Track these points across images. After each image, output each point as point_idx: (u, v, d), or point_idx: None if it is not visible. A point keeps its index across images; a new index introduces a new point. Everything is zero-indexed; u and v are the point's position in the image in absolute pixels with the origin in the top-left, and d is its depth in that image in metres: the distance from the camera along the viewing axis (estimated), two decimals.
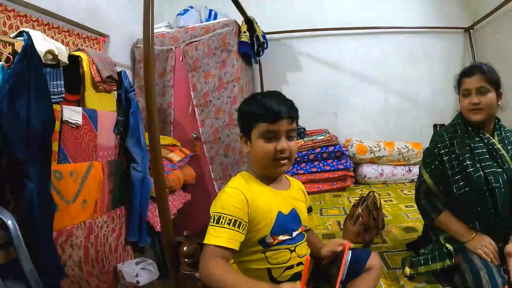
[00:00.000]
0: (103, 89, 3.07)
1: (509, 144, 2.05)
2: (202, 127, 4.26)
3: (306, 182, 4.44)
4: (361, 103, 5.25)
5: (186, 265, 1.75)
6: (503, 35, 4.39)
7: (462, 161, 2.01)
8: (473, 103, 1.99)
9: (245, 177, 1.68)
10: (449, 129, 2.18)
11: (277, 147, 1.58)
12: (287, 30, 5.19)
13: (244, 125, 1.67)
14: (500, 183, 1.89)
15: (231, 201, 1.51)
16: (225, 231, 1.45)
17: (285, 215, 1.65)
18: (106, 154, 3.04)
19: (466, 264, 1.79)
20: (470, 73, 2.04)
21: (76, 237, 2.60)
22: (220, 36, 4.17)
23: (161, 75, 4.43)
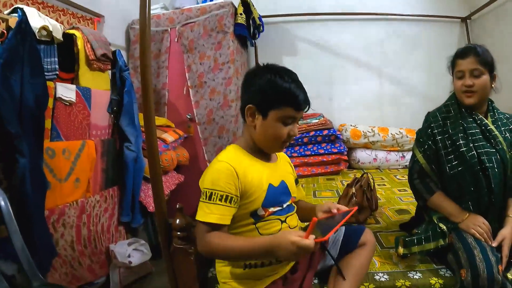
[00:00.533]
0: (98, 68, 3.03)
1: (503, 125, 2.05)
2: (196, 108, 4.25)
3: (300, 165, 4.48)
4: (356, 88, 5.26)
5: (178, 238, 1.74)
6: (499, 26, 4.42)
7: (455, 140, 2.01)
8: (466, 85, 1.98)
9: (235, 150, 1.67)
10: (442, 110, 2.17)
11: (291, 132, 1.59)
12: (284, 14, 5.16)
13: (264, 101, 1.57)
14: (493, 163, 1.89)
15: (221, 176, 1.50)
16: (217, 207, 1.47)
17: (276, 187, 1.67)
18: (99, 133, 3.02)
19: (459, 243, 1.80)
20: (464, 55, 2.01)
21: (68, 216, 2.58)
22: (216, 18, 4.14)
23: (156, 56, 4.39)
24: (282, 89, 1.54)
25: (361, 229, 1.88)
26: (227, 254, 1.51)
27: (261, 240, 1.44)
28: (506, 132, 2.02)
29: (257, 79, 1.61)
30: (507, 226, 1.86)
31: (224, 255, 1.56)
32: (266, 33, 4.96)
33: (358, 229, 1.88)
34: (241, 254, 1.47)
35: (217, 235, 1.47)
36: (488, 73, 1.98)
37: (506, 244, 1.77)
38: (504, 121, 2.08)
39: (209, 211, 1.47)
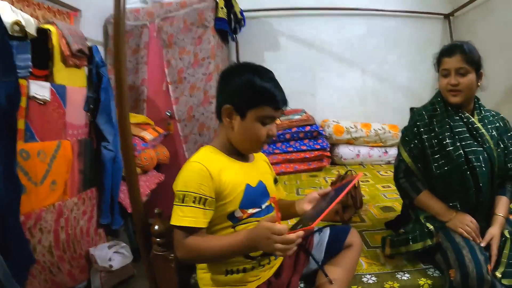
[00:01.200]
0: (73, 64, 2.91)
1: (489, 123, 2.03)
2: (176, 105, 4.17)
3: (282, 162, 4.42)
4: (339, 84, 5.24)
5: (157, 245, 1.67)
6: (482, 23, 4.46)
7: (441, 139, 1.98)
8: (451, 84, 1.95)
9: (209, 151, 1.59)
10: (428, 108, 2.13)
11: (269, 132, 1.55)
12: (266, 8, 5.09)
13: (243, 100, 1.52)
14: (481, 161, 1.88)
15: (194, 177, 1.44)
16: (191, 210, 1.41)
17: (253, 188, 1.61)
18: (76, 133, 2.91)
19: (448, 243, 1.80)
20: (451, 53, 1.98)
21: (45, 221, 2.50)
22: (197, 12, 4.06)
23: (134, 52, 4.30)
24: (260, 89, 1.50)
25: (347, 229, 1.84)
26: (207, 256, 1.46)
27: (240, 234, 1.40)
28: (492, 130, 2.01)
29: (234, 78, 1.57)
30: (495, 225, 1.85)
31: (204, 258, 1.51)
32: (248, 28, 4.90)
33: (343, 230, 1.84)
34: (222, 253, 1.42)
35: (194, 239, 1.42)
36: (475, 72, 1.95)
37: (494, 243, 1.77)
38: (491, 119, 2.06)
39: (183, 214, 1.41)
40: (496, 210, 1.91)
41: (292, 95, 5.00)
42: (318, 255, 1.76)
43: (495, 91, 3.95)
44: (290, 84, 5.05)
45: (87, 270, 2.89)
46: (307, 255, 1.78)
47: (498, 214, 1.89)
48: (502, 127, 2.07)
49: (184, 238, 1.42)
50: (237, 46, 5.08)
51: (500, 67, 3.99)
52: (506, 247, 1.77)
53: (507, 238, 1.80)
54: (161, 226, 1.65)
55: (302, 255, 1.77)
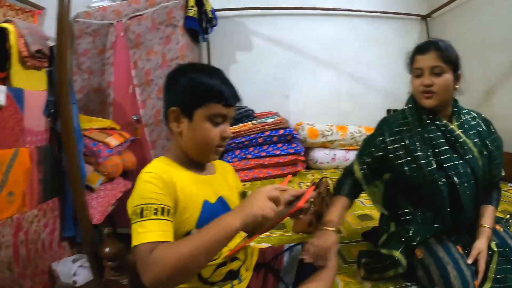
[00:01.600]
0: (32, 66, 2.75)
1: (471, 128, 1.86)
2: (143, 108, 4.00)
3: (255, 167, 4.27)
4: (314, 86, 5.17)
5: (110, 269, 1.49)
6: (459, 25, 4.50)
7: (411, 151, 1.82)
8: (425, 84, 1.79)
9: (162, 162, 1.41)
10: (398, 116, 1.97)
11: (223, 133, 1.41)
12: (238, 7, 4.99)
13: (188, 100, 1.38)
14: (463, 177, 1.72)
15: (150, 187, 1.22)
16: (154, 223, 1.17)
17: (212, 204, 1.42)
18: (35, 139, 2.73)
19: (430, 258, 1.66)
20: (424, 50, 1.82)
21: (2, 235, 2.32)
22: (166, 10, 3.91)
23: (100, 52, 4.15)
24: (206, 85, 1.37)
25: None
26: (191, 257, 1.10)
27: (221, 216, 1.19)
28: (475, 137, 1.84)
29: (178, 79, 1.43)
30: (481, 238, 1.70)
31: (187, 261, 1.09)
32: (220, 28, 4.78)
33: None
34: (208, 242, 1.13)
35: (167, 245, 1.12)
36: (452, 72, 1.79)
37: (482, 257, 1.63)
38: (472, 123, 1.89)
39: (145, 229, 1.14)
40: (482, 221, 1.76)
41: (265, 98, 4.96)
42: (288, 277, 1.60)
43: (473, 94, 3.96)
44: (263, 86, 5.04)
45: (50, 286, 2.72)
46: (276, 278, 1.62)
47: (484, 225, 1.75)
48: (484, 130, 1.90)
49: (151, 254, 1.09)
50: (209, 47, 4.96)
51: (478, 69, 4.00)
52: (493, 261, 1.64)
53: (494, 252, 1.67)
54: (113, 248, 1.46)
55: (271, 277, 1.61)
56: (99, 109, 4.10)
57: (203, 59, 5.00)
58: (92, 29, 4.13)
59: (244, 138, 4.30)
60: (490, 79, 3.99)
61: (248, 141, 4.31)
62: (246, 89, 4.95)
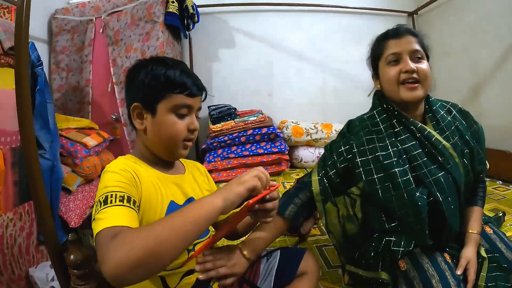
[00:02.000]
0: (6, 63, 2.65)
1: (448, 126, 1.65)
2: (122, 107, 3.90)
3: (238, 166, 4.18)
4: (298, 83, 5.12)
5: (76, 277, 1.39)
6: (445, 22, 4.49)
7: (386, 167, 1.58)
8: (408, 70, 1.53)
9: (127, 159, 1.32)
10: (366, 122, 1.73)
11: (190, 126, 1.35)
12: (221, 3, 4.91)
13: (149, 94, 1.31)
14: (446, 191, 1.52)
15: (116, 177, 1.15)
16: (118, 209, 1.03)
17: (179, 206, 1.35)
18: (9, 140, 2.64)
19: (415, 272, 1.47)
20: (399, 34, 1.62)
21: None
22: (145, 6, 3.82)
23: (79, 50, 4.04)
24: (166, 76, 1.31)
25: (300, 254, 1.60)
26: (164, 239, 0.89)
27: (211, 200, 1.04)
28: (453, 136, 1.63)
29: (138, 73, 1.35)
30: (469, 246, 1.55)
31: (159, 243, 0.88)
32: (202, 24, 4.72)
33: (295, 255, 1.60)
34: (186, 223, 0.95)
35: (132, 229, 0.96)
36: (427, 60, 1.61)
37: (471, 266, 1.47)
38: (448, 119, 1.67)
39: (108, 215, 1.00)
40: (469, 227, 1.62)
41: (248, 95, 4.89)
42: (266, 285, 1.53)
43: (460, 89, 3.97)
44: (247, 84, 4.99)
45: None
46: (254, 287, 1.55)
47: (472, 231, 1.60)
48: (463, 124, 1.71)
49: (115, 238, 0.90)
50: (190, 43, 4.88)
51: (464, 65, 4.05)
52: (484, 269, 1.48)
53: (484, 258, 1.51)
54: (78, 255, 1.35)
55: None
56: (78, 108, 4.03)
57: (185, 56, 4.94)
58: (71, 25, 4.03)
59: (227, 137, 4.23)
60: (477, 75, 3.99)
61: (231, 140, 4.23)
62: (229, 87, 4.95)
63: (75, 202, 2.98)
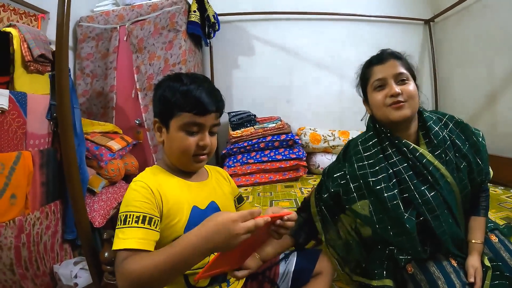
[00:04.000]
0: (35, 70, 2.76)
1: (441, 142, 1.65)
2: (145, 112, 4.00)
3: (257, 172, 4.26)
4: (316, 90, 5.14)
5: (108, 273, 1.50)
6: (462, 29, 4.45)
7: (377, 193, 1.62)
8: (393, 94, 1.58)
9: (153, 171, 1.44)
10: (359, 148, 1.78)
11: (200, 142, 1.39)
12: (241, 12, 4.97)
13: (163, 110, 1.40)
14: (436, 210, 1.56)
15: (136, 196, 1.27)
16: (133, 231, 1.20)
17: (203, 210, 1.43)
18: (37, 143, 2.74)
19: (422, 275, 1.55)
20: (382, 59, 1.67)
21: (5, 237, 2.32)
22: (168, 15, 3.92)
23: (103, 56, 4.14)
24: (178, 94, 1.36)
25: (315, 255, 1.68)
26: (155, 274, 1.09)
27: (188, 236, 1.10)
28: (447, 152, 1.65)
29: (157, 89, 1.45)
30: (473, 255, 1.59)
31: (151, 278, 1.09)
32: (222, 33, 4.80)
33: (311, 257, 1.67)
34: (173, 264, 1.08)
35: (135, 259, 1.12)
36: (413, 81, 1.65)
37: (478, 275, 1.51)
38: (442, 136, 1.67)
39: (125, 236, 1.18)
40: (472, 236, 1.65)
41: (267, 102, 4.94)
42: (284, 285, 1.61)
43: (476, 97, 3.93)
44: (266, 91, 5.04)
45: None
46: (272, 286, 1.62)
47: (475, 241, 1.63)
48: (460, 137, 1.71)
49: (124, 263, 1.12)
50: (211, 51, 4.96)
51: (481, 73, 4.01)
52: (488, 277, 1.52)
53: (488, 268, 1.55)
54: (111, 253, 1.47)
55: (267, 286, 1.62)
56: (102, 113, 4.12)
57: (206, 64, 5.00)
58: (95, 33, 4.13)
59: (246, 143, 4.30)
60: (493, 83, 3.96)
61: (250, 146, 4.30)
62: (249, 93, 4.99)
63: (99, 203, 3.06)
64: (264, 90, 5.05)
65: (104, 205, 3.07)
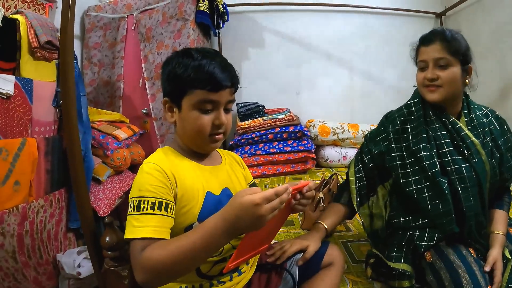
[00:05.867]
0: (42, 57, 2.72)
1: (480, 126, 1.70)
2: (152, 102, 3.99)
3: (265, 163, 4.23)
4: (326, 83, 5.11)
5: (109, 259, 1.45)
6: (474, 23, 4.41)
7: (415, 151, 1.69)
8: (428, 78, 1.66)
9: (165, 152, 1.37)
10: (403, 111, 1.83)
11: (215, 121, 1.31)
12: (251, 3, 4.94)
13: (173, 89, 1.33)
14: (466, 182, 1.58)
15: (150, 179, 1.20)
16: (149, 218, 1.15)
17: (217, 196, 1.37)
18: (43, 130, 2.71)
19: (441, 263, 1.52)
20: (429, 41, 1.70)
21: (7, 224, 2.28)
22: (177, 4, 3.88)
23: (111, 46, 4.14)
24: (189, 70, 1.28)
25: (324, 245, 1.62)
26: (178, 262, 1.08)
27: (211, 221, 1.08)
28: (485, 136, 1.70)
29: (166, 67, 1.36)
30: (495, 246, 1.59)
31: (174, 265, 1.08)
32: (231, 23, 4.76)
33: (321, 246, 1.61)
34: (195, 251, 1.07)
35: (156, 246, 1.10)
36: (460, 65, 1.65)
37: (498, 268, 1.50)
38: (482, 120, 1.73)
39: (140, 223, 1.14)
40: (495, 227, 1.67)
41: (276, 94, 4.90)
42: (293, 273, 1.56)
43: (488, 92, 3.90)
44: (275, 82, 5.01)
45: (55, 277, 2.69)
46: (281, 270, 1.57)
47: (498, 232, 1.64)
48: (497, 129, 1.76)
49: (143, 252, 1.10)
50: (220, 42, 4.92)
51: (493, 67, 3.96)
52: (507, 270, 1.53)
53: (508, 260, 1.56)
54: (113, 238, 1.40)
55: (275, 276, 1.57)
56: (109, 102, 4.11)
57: None
58: (103, 22, 4.13)
59: (254, 134, 4.26)
60: (506, 77, 3.92)
61: (258, 137, 4.26)
62: (257, 85, 4.96)
63: (105, 192, 3.04)
64: (273, 81, 5.02)
65: (109, 194, 3.05)
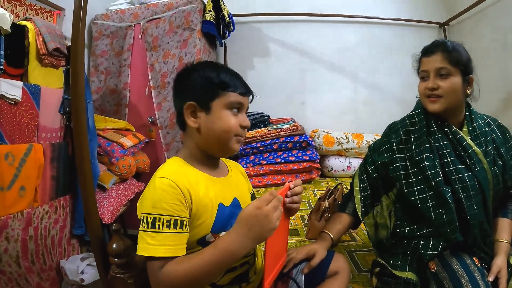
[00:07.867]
0: (50, 63, 2.74)
1: (482, 135, 1.72)
2: (158, 110, 3.99)
3: (269, 173, 4.21)
4: (330, 93, 5.09)
5: (116, 266, 1.45)
6: (477, 32, 4.37)
7: (418, 161, 1.71)
8: (428, 88, 1.68)
9: (176, 163, 1.39)
10: (406, 121, 1.86)
11: (243, 123, 1.41)
12: (256, 13, 4.95)
13: (205, 91, 1.37)
14: (469, 191, 1.59)
15: (164, 197, 1.21)
16: (166, 236, 1.18)
17: (227, 207, 1.40)
18: (49, 136, 2.74)
19: (445, 273, 1.52)
20: (430, 51, 1.73)
21: (12, 229, 2.32)
22: (183, 14, 3.91)
23: (117, 54, 4.16)
24: (220, 77, 1.38)
25: (330, 254, 1.63)
26: (195, 277, 1.14)
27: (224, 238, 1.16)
28: (487, 144, 1.71)
29: (191, 75, 1.43)
30: (500, 254, 1.59)
31: (192, 280, 1.15)
32: (237, 33, 4.77)
33: (326, 255, 1.62)
34: (210, 267, 1.14)
35: (173, 263, 1.16)
36: (461, 75, 1.67)
37: (503, 276, 1.50)
38: (484, 129, 1.75)
39: (156, 242, 1.17)
40: (499, 236, 1.65)
41: (281, 104, 4.91)
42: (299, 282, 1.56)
43: (492, 101, 3.89)
44: (280, 92, 5.01)
45: (58, 283, 2.70)
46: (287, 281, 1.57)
47: (502, 240, 1.63)
48: (499, 138, 1.77)
49: (161, 270, 1.16)
50: (225, 51, 4.95)
51: (497, 76, 3.93)
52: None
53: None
54: (120, 245, 1.41)
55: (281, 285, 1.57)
56: (115, 110, 4.13)
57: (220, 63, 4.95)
58: (110, 31, 4.16)
59: (259, 143, 4.27)
60: (510, 86, 3.90)
61: (263, 147, 4.27)
62: (262, 95, 4.89)
63: (109, 200, 3.05)
64: (278, 91, 5.02)
65: (114, 201, 3.06)
